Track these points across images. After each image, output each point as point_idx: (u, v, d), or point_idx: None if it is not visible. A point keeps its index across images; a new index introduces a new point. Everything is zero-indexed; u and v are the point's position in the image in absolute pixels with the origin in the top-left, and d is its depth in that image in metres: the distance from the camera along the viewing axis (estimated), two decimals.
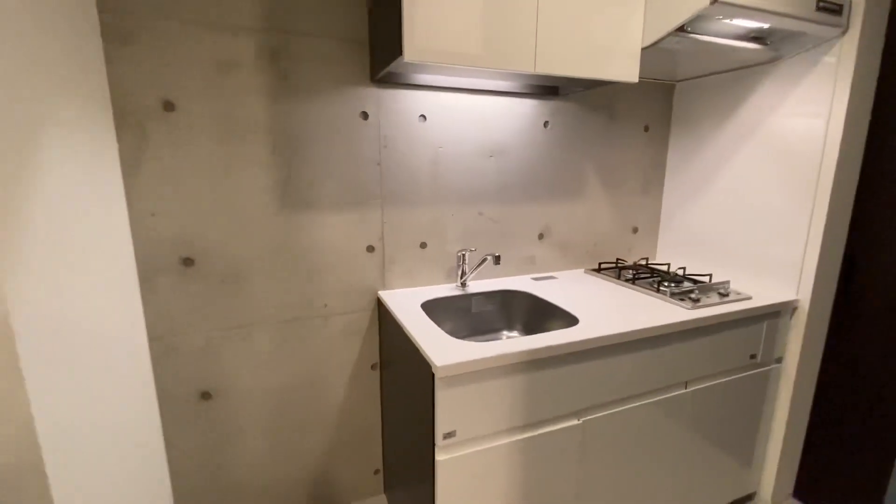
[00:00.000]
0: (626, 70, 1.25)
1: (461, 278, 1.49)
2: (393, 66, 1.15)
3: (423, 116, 1.41)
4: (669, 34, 1.18)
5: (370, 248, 1.43)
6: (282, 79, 1.24)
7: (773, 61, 1.43)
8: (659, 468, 1.33)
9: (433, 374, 0.96)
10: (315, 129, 1.30)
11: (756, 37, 1.29)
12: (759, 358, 1.43)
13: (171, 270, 1.22)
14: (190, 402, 1.30)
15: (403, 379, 1.24)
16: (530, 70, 1.14)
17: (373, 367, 1.51)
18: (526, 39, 1.12)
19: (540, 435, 1.10)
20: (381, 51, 1.20)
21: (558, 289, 1.51)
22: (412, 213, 1.46)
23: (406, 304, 1.34)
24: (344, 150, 1.34)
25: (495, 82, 1.42)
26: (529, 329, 1.48)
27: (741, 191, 1.58)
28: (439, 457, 1.00)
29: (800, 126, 1.39)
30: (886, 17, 1.27)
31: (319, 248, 1.37)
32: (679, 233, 1.83)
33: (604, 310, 1.28)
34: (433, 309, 1.40)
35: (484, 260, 1.44)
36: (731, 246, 1.63)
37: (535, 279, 1.63)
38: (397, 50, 1.04)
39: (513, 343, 1.04)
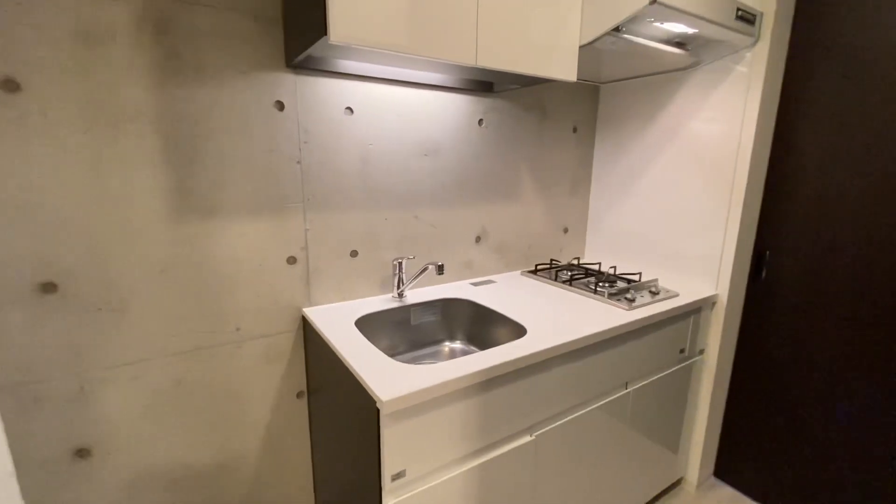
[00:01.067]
0: (565, 68, 1.21)
1: (398, 288, 1.36)
2: (314, 50, 0.98)
3: (350, 109, 1.25)
4: (606, 33, 1.16)
5: (291, 260, 1.25)
6: (171, 58, 1.01)
7: (692, 67, 1.50)
8: (603, 467, 1.32)
9: (378, 410, 0.83)
10: (219, 120, 1.09)
11: (679, 42, 1.33)
12: (686, 352, 1.50)
13: (25, 300, 0.94)
14: (62, 462, 1.02)
15: (338, 409, 1.09)
16: (472, 63, 1.04)
17: (299, 395, 1.33)
18: (467, 30, 1.02)
19: (495, 458, 1.02)
20: (298, 30, 1.03)
21: (499, 294, 1.45)
22: (340, 217, 1.30)
23: (337, 322, 1.18)
24: (256, 146, 1.14)
25: (429, 74, 1.30)
26: (473, 339, 1.40)
27: (664, 191, 1.64)
28: (387, 501, 0.87)
29: (716, 130, 1.46)
30: (789, 29, 1.38)
31: (228, 261, 1.15)
32: (607, 232, 1.88)
33: (548, 316, 1.24)
34: (368, 325, 1.26)
35: (425, 269, 1.32)
36: (656, 244, 1.69)
37: (474, 284, 1.56)
38: (320, 29, 0.88)
39: (465, 363, 0.94)
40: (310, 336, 1.24)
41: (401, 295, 1.37)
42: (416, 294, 1.42)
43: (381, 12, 0.90)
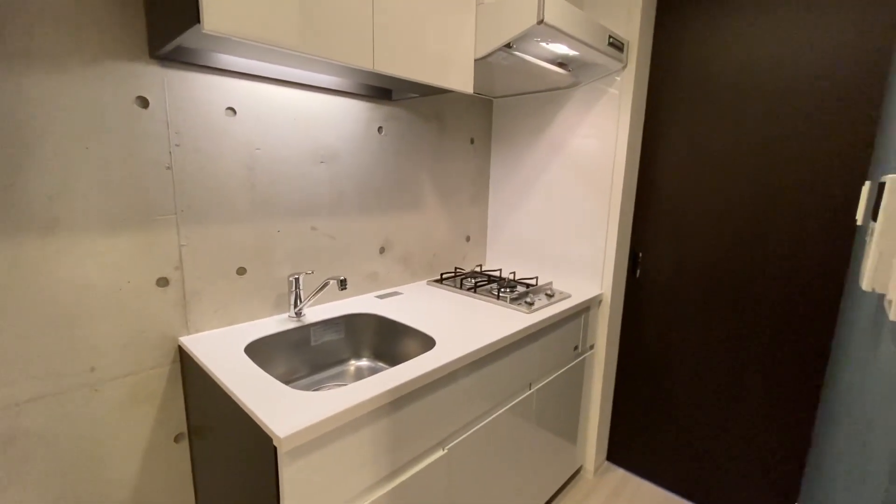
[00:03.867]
0: (462, 79, 1.23)
1: (295, 307, 1.25)
2: (185, 40, 0.86)
3: (232, 110, 1.12)
4: (499, 49, 1.20)
5: (162, 282, 1.07)
6: None
7: (573, 86, 1.64)
8: (512, 468, 1.36)
9: (275, 448, 0.73)
10: (59, 117, 0.89)
11: (562, 63, 1.44)
12: (579, 348, 1.62)
13: None
14: None
15: (228, 451, 0.95)
16: (369, 67, 1.00)
17: (178, 439, 1.14)
18: (364, 32, 0.98)
19: (408, 479, 0.97)
20: (165, 15, 0.89)
21: (405, 305, 1.41)
22: (224, 230, 1.15)
23: (222, 350, 1.03)
24: (112, 149, 0.96)
25: (324, 77, 1.23)
26: (381, 355, 1.34)
27: (554, 199, 1.76)
28: None
29: (595, 144, 1.62)
30: (649, 59, 1.58)
31: (77, 287, 0.95)
32: (506, 239, 1.96)
33: (456, 325, 1.23)
34: (261, 350, 1.13)
35: (325, 284, 1.23)
36: (549, 248, 1.81)
37: (380, 297, 1.50)
38: (191, 16, 0.77)
39: (372, 384, 0.89)
40: (189, 369, 1.07)
41: (299, 314, 1.26)
42: (317, 311, 1.32)
43: (267, 6, 0.82)
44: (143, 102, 0.99)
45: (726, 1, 1.41)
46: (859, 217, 0.97)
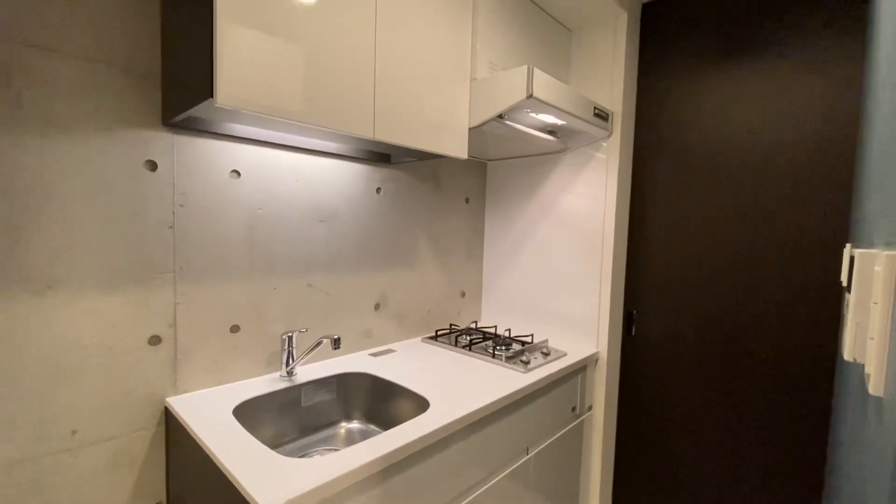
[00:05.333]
0: (457, 146, 1.30)
1: (287, 366, 1.23)
2: (197, 111, 0.92)
3: (237, 172, 1.17)
4: (491, 119, 1.28)
5: (154, 340, 1.06)
6: (12, 105, 0.86)
7: (562, 151, 1.73)
8: None
9: None
10: (69, 179, 0.93)
11: (551, 131, 1.53)
12: (577, 409, 1.58)
13: None
14: None
15: None
16: (370, 136, 1.06)
17: None
18: (365, 104, 1.05)
19: None
20: (179, 88, 0.95)
21: (399, 364, 1.39)
22: (220, 288, 1.16)
23: (210, 412, 1.01)
24: (116, 209, 0.99)
25: (325, 143, 1.30)
26: (373, 417, 1.30)
27: (547, 257, 1.80)
28: None
29: (586, 205, 1.68)
30: (633, 126, 1.68)
31: (68, 346, 0.94)
32: (500, 295, 1.97)
33: (450, 385, 1.21)
34: (250, 412, 1.10)
35: (319, 343, 1.22)
36: (543, 305, 1.82)
37: (374, 355, 1.48)
38: (205, 90, 0.83)
39: (362, 450, 0.86)
40: (174, 432, 1.04)
41: (290, 373, 1.24)
42: (309, 370, 1.30)
43: (275, 77, 0.89)
44: (152, 166, 1.04)
45: (700, 75, 1.53)
46: (844, 279, 1.00)
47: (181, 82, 0.95)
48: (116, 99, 0.98)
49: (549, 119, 1.39)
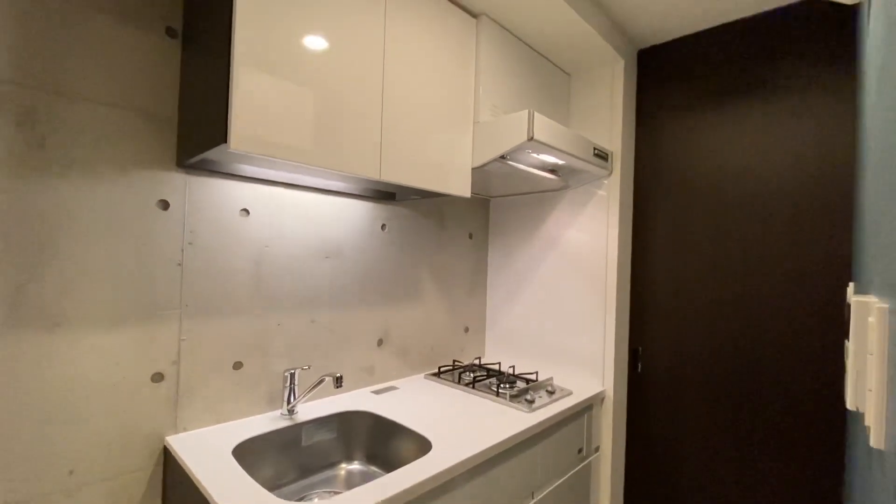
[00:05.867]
0: (460, 186, 1.33)
1: (288, 404, 1.22)
2: (211, 154, 0.96)
3: (246, 210, 1.21)
4: (494, 160, 1.32)
5: (157, 377, 1.06)
6: (35, 147, 0.90)
7: (564, 189, 1.76)
8: None
9: None
10: (84, 218, 0.96)
11: (552, 170, 1.57)
12: (584, 451, 1.53)
13: None
14: None
15: None
16: (376, 177, 1.10)
17: None
18: (372, 146, 1.09)
19: None
20: (194, 132, 1.00)
21: (402, 402, 1.37)
22: (225, 324, 1.17)
23: (209, 451, 0.99)
24: (127, 247, 1.01)
25: (332, 182, 1.33)
26: (374, 457, 1.27)
27: (550, 292, 1.80)
28: None
29: (588, 240, 1.69)
30: (632, 165, 1.72)
31: (73, 383, 0.94)
32: (504, 330, 1.96)
33: (454, 425, 1.19)
34: (250, 451, 1.08)
35: (321, 381, 1.21)
36: (548, 340, 1.80)
37: (376, 392, 1.46)
38: (219, 136, 0.87)
39: (362, 494, 0.84)
40: (172, 472, 1.02)
41: (291, 411, 1.22)
42: (310, 408, 1.28)
43: (286, 122, 0.93)
44: (164, 205, 1.07)
45: (696, 116, 1.58)
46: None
47: (196, 127, 0.99)
48: (134, 142, 1.02)
49: (550, 159, 1.43)
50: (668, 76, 1.66)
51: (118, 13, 1.00)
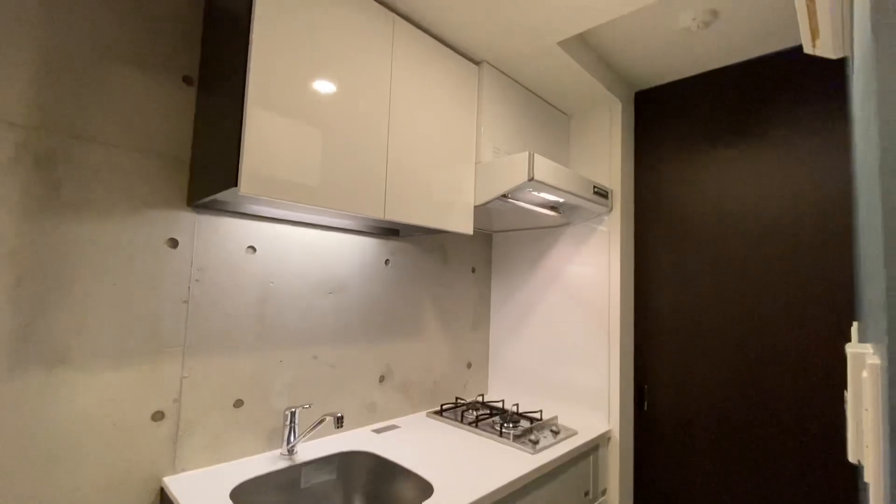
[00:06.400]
0: (463, 223, 1.36)
1: (288, 443, 1.20)
2: (221, 195, 0.99)
3: (253, 248, 1.23)
4: (496, 198, 1.35)
5: (158, 416, 1.05)
6: (51, 189, 0.94)
7: (565, 225, 1.78)
8: None
9: None
10: (95, 258, 0.98)
11: (553, 207, 1.60)
12: (590, 494, 1.49)
13: None
14: None
15: None
16: (380, 216, 1.12)
17: None
18: (377, 188, 1.12)
19: None
20: (206, 175, 1.03)
21: (403, 442, 1.35)
22: (228, 361, 1.17)
23: (207, 494, 0.97)
24: (135, 284, 1.03)
25: (338, 220, 1.36)
26: (373, 500, 1.24)
27: (554, 327, 1.79)
28: None
29: (590, 275, 1.70)
30: (632, 202, 1.75)
31: (73, 422, 0.94)
32: (507, 366, 1.94)
33: (455, 466, 1.17)
34: (248, 494, 1.06)
35: (322, 420, 1.20)
36: (551, 377, 1.78)
37: (377, 431, 1.44)
38: (230, 179, 0.90)
39: None
40: None
41: (291, 451, 1.20)
42: (310, 448, 1.26)
43: (294, 165, 0.96)
44: (174, 243, 1.09)
45: (694, 155, 1.62)
46: None
47: (208, 168, 1.03)
48: (148, 183, 1.06)
49: (551, 197, 1.46)
50: (665, 117, 1.71)
51: (139, 63, 1.06)
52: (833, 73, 1.37)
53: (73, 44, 0.97)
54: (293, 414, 1.21)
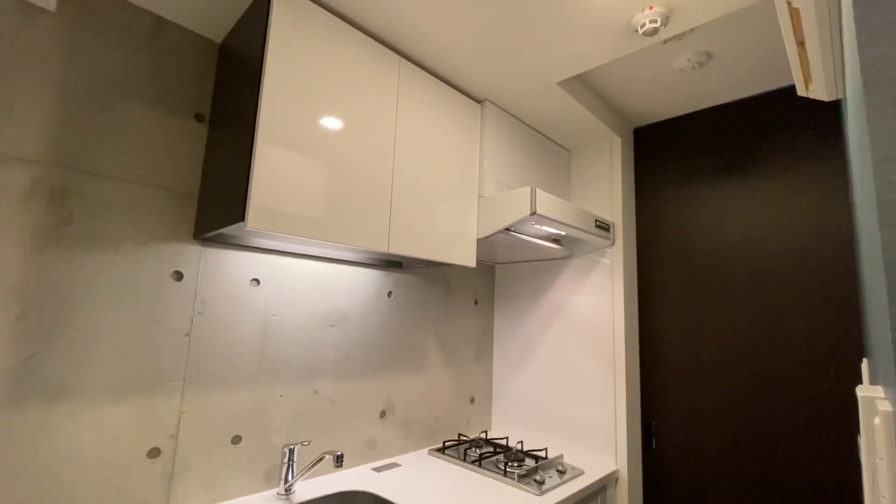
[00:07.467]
0: (465, 256, 1.36)
1: (286, 482, 1.16)
2: (228, 229, 1.00)
3: (257, 280, 1.23)
4: (499, 231, 1.37)
5: (154, 452, 1.03)
6: (62, 223, 0.95)
7: (568, 258, 1.79)
8: None
9: None
10: (101, 290, 0.99)
11: (556, 239, 1.61)
12: None
13: None
14: None
15: None
16: (384, 250, 1.13)
17: None
18: (381, 222, 1.14)
19: None
20: (214, 209, 1.05)
21: (404, 482, 1.30)
22: (227, 396, 1.15)
23: None
24: (139, 317, 1.03)
25: (342, 253, 1.37)
26: None
27: (558, 361, 1.76)
28: None
29: (594, 306, 1.69)
30: (634, 235, 1.76)
31: (65, 461, 0.92)
32: (511, 401, 1.90)
33: None
34: None
35: (321, 459, 1.17)
36: (556, 412, 1.74)
37: (377, 469, 1.40)
38: (238, 214, 0.92)
39: None
40: None
41: (289, 490, 1.17)
42: (309, 487, 1.23)
43: (301, 197, 0.98)
44: (178, 276, 1.10)
45: (695, 190, 1.64)
46: None
47: (216, 203, 1.05)
48: (156, 216, 1.08)
49: (553, 230, 1.47)
50: (665, 152, 1.74)
51: (152, 101, 1.10)
52: (830, 110, 1.40)
53: (88, 83, 1.01)
54: (292, 451, 1.18)
